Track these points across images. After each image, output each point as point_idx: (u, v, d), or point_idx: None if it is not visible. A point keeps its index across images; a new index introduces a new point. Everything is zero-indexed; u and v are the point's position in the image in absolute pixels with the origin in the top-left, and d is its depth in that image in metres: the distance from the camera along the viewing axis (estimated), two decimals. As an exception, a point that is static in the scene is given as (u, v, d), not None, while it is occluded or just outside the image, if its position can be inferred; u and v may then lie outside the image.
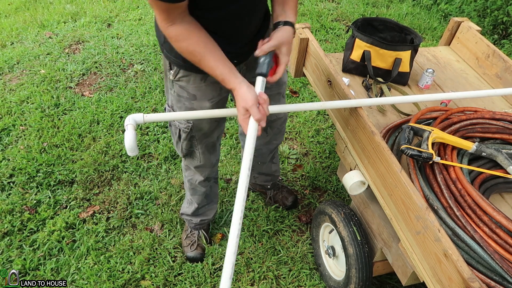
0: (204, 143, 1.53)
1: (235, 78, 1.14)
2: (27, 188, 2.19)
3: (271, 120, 1.69)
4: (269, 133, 1.76)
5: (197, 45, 1.11)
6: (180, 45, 1.12)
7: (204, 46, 1.12)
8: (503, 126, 1.40)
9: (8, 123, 2.57)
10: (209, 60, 1.12)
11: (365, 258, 1.49)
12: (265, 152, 1.87)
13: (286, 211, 2.12)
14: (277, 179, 2.12)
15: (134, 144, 1.10)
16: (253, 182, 2.11)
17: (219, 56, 1.14)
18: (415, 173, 1.24)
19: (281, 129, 1.79)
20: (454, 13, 3.94)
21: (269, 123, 1.70)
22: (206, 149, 1.57)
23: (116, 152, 2.41)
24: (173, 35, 1.10)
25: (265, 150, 1.86)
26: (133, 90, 2.90)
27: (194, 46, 1.11)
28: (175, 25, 1.08)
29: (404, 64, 1.70)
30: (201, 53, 1.12)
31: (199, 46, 1.11)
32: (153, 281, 1.81)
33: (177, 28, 1.08)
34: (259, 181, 2.08)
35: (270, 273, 1.86)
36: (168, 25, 1.08)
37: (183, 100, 1.38)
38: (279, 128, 1.76)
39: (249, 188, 2.19)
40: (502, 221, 1.06)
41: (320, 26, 3.78)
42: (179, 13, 1.07)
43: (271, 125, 1.72)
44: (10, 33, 3.59)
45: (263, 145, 1.83)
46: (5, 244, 1.92)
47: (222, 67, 1.13)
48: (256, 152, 1.85)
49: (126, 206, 2.12)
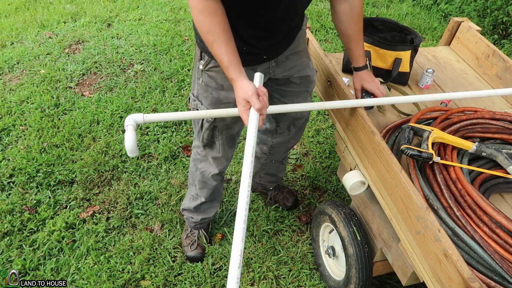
0: (224, 134, 1.54)
1: (239, 70, 1.17)
2: (27, 188, 2.19)
3: (295, 118, 1.69)
4: (291, 131, 1.76)
5: (217, 26, 1.12)
6: (202, 18, 1.12)
7: (223, 30, 1.13)
8: (503, 126, 1.40)
9: (8, 123, 2.57)
10: (222, 44, 1.14)
11: (365, 258, 1.49)
12: (281, 150, 1.88)
13: (286, 211, 2.12)
14: (280, 180, 2.12)
15: (134, 145, 1.10)
16: (257, 181, 2.11)
17: (232, 45, 1.16)
18: (415, 173, 1.24)
19: (302, 128, 1.79)
20: (454, 13, 3.94)
21: (293, 121, 1.70)
22: (226, 141, 1.57)
23: (116, 152, 2.41)
24: (200, 6, 1.11)
25: (282, 148, 1.86)
26: (133, 90, 2.90)
27: (215, 26, 1.12)
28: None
29: (404, 64, 1.70)
30: (218, 35, 1.13)
31: (218, 28, 1.12)
32: (153, 281, 1.81)
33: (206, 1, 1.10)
34: (263, 181, 2.08)
35: (270, 273, 1.86)
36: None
37: (211, 90, 1.40)
38: (300, 127, 1.76)
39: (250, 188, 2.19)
40: (502, 221, 1.06)
41: (320, 26, 3.78)
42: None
43: (294, 123, 1.72)
44: (10, 33, 3.59)
45: (282, 143, 1.83)
46: (5, 244, 1.92)
47: (233, 56, 1.16)
48: (272, 150, 1.87)
49: (126, 206, 2.12)
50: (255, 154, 1.97)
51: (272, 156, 1.92)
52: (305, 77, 1.53)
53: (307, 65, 1.53)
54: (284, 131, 1.76)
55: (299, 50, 1.47)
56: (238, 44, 1.21)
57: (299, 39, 1.44)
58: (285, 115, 1.69)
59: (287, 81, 1.51)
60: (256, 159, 2.00)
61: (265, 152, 1.91)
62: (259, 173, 2.04)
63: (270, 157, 1.93)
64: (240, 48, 1.22)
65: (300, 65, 1.49)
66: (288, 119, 1.70)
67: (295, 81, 1.52)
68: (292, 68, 1.48)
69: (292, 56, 1.45)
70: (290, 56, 1.44)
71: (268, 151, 1.90)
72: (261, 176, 2.05)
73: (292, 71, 1.48)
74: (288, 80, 1.51)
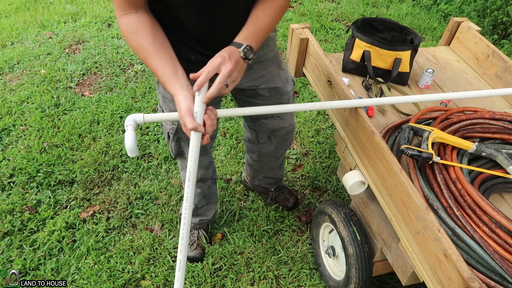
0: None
1: (176, 83, 1.03)
2: (27, 188, 2.19)
3: (273, 129, 1.63)
4: (273, 141, 1.71)
5: (144, 41, 1.03)
6: (129, 37, 1.05)
7: (152, 42, 1.04)
8: (503, 126, 1.40)
9: (8, 123, 2.57)
10: (153, 58, 1.04)
11: (365, 258, 1.49)
12: (271, 159, 1.85)
13: (286, 212, 2.13)
14: (281, 182, 2.12)
15: (135, 145, 1.10)
16: (257, 184, 2.09)
17: (166, 56, 1.05)
18: (415, 173, 1.24)
19: (287, 139, 1.72)
20: (454, 13, 3.94)
21: (271, 132, 1.65)
22: None
23: (116, 152, 2.41)
24: (123, 26, 1.04)
25: (271, 157, 1.84)
26: (133, 90, 2.90)
27: (141, 41, 1.04)
28: (129, 16, 1.03)
29: (404, 64, 1.70)
30: (147, 50, 1.04)
31: (146, 42, 1.03)
32: (153, 281, 1.81)
33: (130, 19, 1.03)
34: (264, 184, 2.07)
35: (270, 273, 1.86)
36: (122, 14, 1.04)
37: (167, 102, 1.36)
38: (284, 137, 1.70)
39: (250, 188, 2.19)
40: (502, 221, 1.06)
41: (320, 26, 3.78)
42: (136, 2, 1.02)
43: (274, 134, 1.66)
44: (10, 33, 3.59)
45: (269, 152, 1.80)
46: (5, 244, 1.92)
47: (166, 68, 1.04)
48: (262, 158, 1.84)
49: (126, 206, 2.12)
50: (248, 161, 1.97)
51: (263, 164, 1.89)
52: (275, 88, 1.45)
53: (277, 75, 1.44)
54: (266, 141, 1.71)
55: (265, 59, 1.38)
56: (187, 53, 1.15)
57: (264, 48, 1.33)
58: (261, 126, 1.62)
59: (255, 92, 1.44)
60: (249, 166, 2.00)
61: (256, 160, 1.88)
62: (257, 177, 2.03)
63: (261, 164, 1.90)
64: (188, 57, 1.16)
65: (267, 75, 1.41)
66: (266, 130, 1.64)
67: (264, 93, 1.44)
68: (258, 79, 1.40)
69: (257, 66, 1.36)
70: (254, 65, 1.35)
71: (258, 159, 1.87)
72: (260, 179, 2.04)
73: (258, 82, 1.40)
74: (256, 91, 1.44)
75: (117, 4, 1.03)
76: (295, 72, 1.85)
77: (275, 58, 1.43)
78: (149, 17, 1.07)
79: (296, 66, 1.82)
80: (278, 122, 1.61)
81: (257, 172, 1.99)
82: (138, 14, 1.05)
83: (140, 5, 1.05)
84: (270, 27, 1.13)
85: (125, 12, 1.04)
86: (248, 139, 1.81)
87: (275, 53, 1.43)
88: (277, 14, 1.12)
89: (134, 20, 1.04)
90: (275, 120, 1.60)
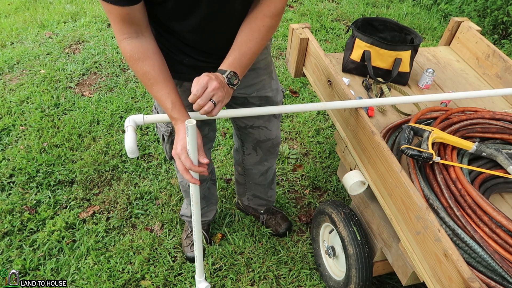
0: None
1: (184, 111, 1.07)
2: (27, 188, 2.19)
3: (260, 141, 1.60)
4: (258, 153, 1.67)
5: (152, 68, 1.04)
6: (134, 64, 1.04)
7: (160, 70, 1.04)
8: (503, 126, 1.40)
9: (8, 123, 2.57)
10: (162, 87, 1.05)
11: (365, 258, 1.49)
12: (255, 172, 1.78)
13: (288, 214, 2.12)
14: (271, 204, 2.02)
15: (135, 146, 1.10)
16: (247, 204, 2.01)
17: (172, 86, 1.07)
18: (415, 173, 1.24)
19: (272, 152, 1.69)
20: (454, 13, 3.94)
21: (257, 143, 1.61)
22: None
23: (116, 152, 2.41)
24: (127, 51, 1.02)
25: (255, 171, 1.77)
26: (133, 90, 2.90)
27: (149, 68, 1.04)
28: (131, 40, 1.02)
29: (404, 64, 1.70)
30: (155, 78, 1.05)
31: (154, 70, 1.04)
32: (153, 281, 1.81)
33: (133, 44, 1.02)
34: (253, 204, 1.99)
35: (270, 273, 1.86)
36: (123, 38, 1.02)
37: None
38: (269, 150, 1.66)
39: (241, 210, 2.12)
40: (502, 221, 1.06)
41: (320, 26, 3.78)
42: (137, 25, 1.00)
43: (259, 145, 1.63)
44: (10, 33, 3.59)
45: (253, 165, 1.74)
46: (5, 244, 1.92)
47: (175, 95, 1.06)
48: (246, 171, 1.80)
49: (126, 206, 2.12)
50: (235, 176, 1.93)
51: (248, 177, 1.83)
52: (265, 97, 1.44)
53: (268, 84, 1.43)
54: (251, 152, 1.68)
55: (258, 67, 1.37)
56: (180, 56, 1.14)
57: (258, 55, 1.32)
58: (248, 136, 1.60)
59: (245, 100, 1.43)
60: (237, 182, 1.96)
61: (241, 173, 1.84)
62: (245, 195, 1.96)
63: (247, 178, 1.84)
64: (181, 60, 1.15)
65: (259, 84, 1.40)
66: (252, 141, 1.62)
67: (254, 101, 1.43)
68: (250, 86, 1.39)
69: (250, 73, 1.35)
70: (248, 72, 1.33)
71: (243, 172, 1.82)
72: (250, 199, 1.96)
73: (249, 90, 1.40)
74: (246, 99, 1.42)
75: (117, 28, 1.00)
76: (295, 72, 1.85)
77: (267, 67, 1.42)
78: (153, 43, 1.05)
79: (296, 66, 1.82)
80: (265, 133, 1.57)
81: (244, 188, 1.92)
82: (141, 40, 1.03)
83: (142, 28, 1.02)
84: (256, 50, 1.12)
85: (126, 36, 1.02)
86: (236, 148, 1.79)
87: (268, 62, 1.42)
88: (262, 36, 1.11)
89: (138, 45, 1.02)
90: (262, 130, 1.56)
